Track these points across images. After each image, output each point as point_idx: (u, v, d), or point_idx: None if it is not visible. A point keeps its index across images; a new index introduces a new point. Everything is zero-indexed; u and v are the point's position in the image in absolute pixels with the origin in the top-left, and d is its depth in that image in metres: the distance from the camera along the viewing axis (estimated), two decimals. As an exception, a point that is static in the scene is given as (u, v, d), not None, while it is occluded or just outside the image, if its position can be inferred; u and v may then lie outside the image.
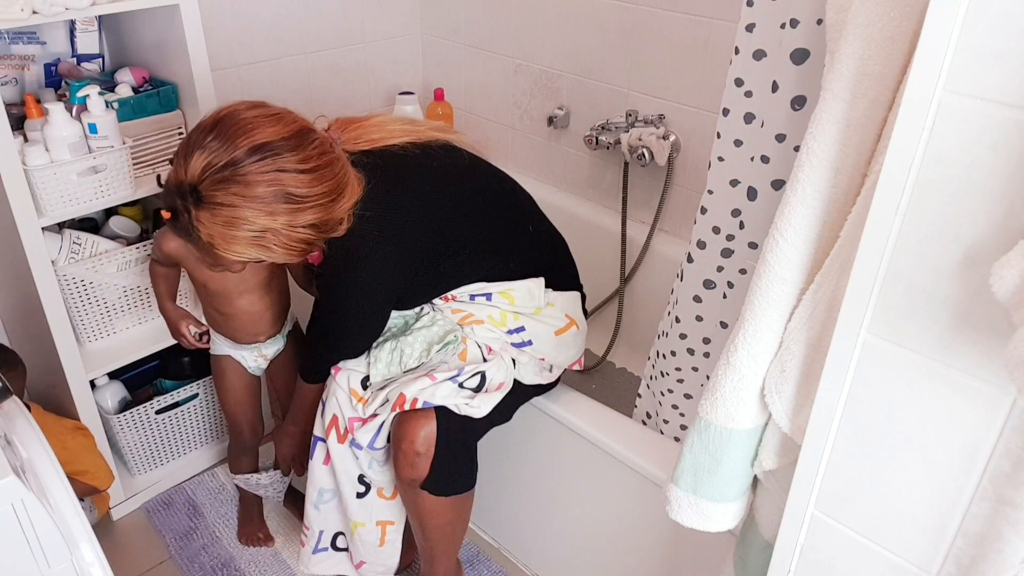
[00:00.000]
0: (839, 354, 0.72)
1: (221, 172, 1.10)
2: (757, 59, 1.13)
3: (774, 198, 1.14)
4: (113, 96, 1.58)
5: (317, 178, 1.13)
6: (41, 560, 0.92)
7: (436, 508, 1.35)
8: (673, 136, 1.91)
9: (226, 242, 1.13)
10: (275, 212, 1.11)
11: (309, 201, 1.13)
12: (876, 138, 0.77)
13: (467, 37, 2.34)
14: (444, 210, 1.29)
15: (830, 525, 0.80)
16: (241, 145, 1.10)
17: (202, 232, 1.13)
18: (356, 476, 1.40)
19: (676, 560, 1.35)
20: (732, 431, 0.92)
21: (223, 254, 1.15)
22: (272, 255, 1.16)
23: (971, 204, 0.60)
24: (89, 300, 1.63)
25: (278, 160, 1.11)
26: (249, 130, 1.11)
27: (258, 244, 1.13)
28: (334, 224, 1.18)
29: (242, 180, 1.09)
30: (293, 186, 1.11)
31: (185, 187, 1.12)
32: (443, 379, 1.29)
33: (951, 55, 0.58)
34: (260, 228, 1.12)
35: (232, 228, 1.11)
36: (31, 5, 1.32)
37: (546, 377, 1.43)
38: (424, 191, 1.27)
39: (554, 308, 1.41)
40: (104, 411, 1.74)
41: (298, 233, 1.14)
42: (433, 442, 1.28)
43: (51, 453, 1.03)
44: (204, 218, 1.12)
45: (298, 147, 1.13)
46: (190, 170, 1.11)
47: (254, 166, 1.10)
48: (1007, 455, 0.65)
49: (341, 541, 1.52)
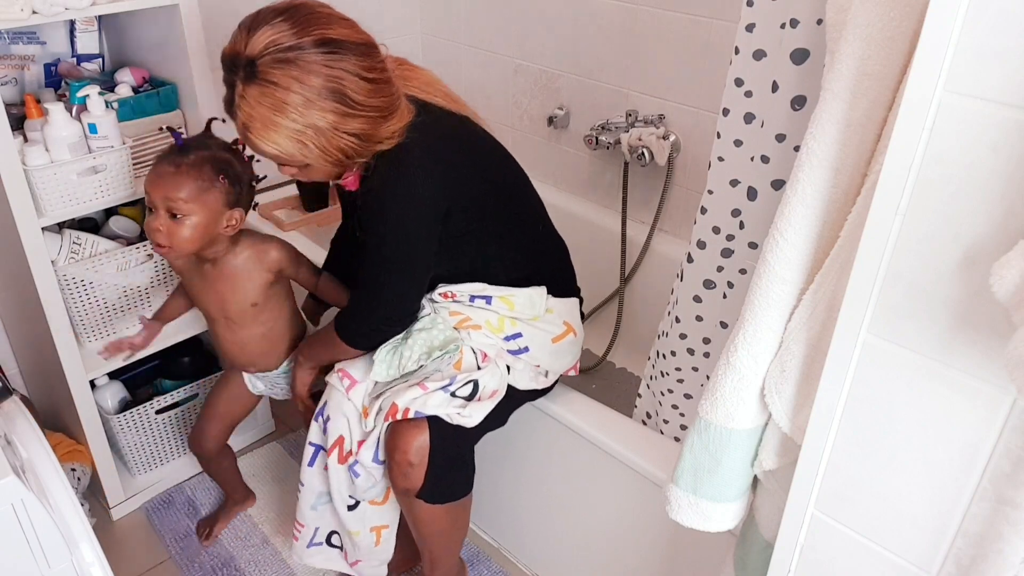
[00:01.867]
0: (839, 354, 0.72)
1: (284, 53, 1.05)
2: (757, 59, 1.12)
3: (774, 198, 1.14)
4: (113, 96, 1.58)
5: (376, 91, 1.11)
6: (41, 560, 0.92)
7: (433, 515, 1.35)
8: (673, 136, 1.91)
9: (265, 128, 1.08)
10: (325, 110, 1.08)
11: (361, 109, 1.10)
12: (876, 138, 0.77)
13: (467, 37, 2.34)
14: (479, 169, 1.28)
15: (830, 525, 0.80)
16: (312, 33, 1.07)
17: (243, 111, 1.09)
18: (347, 494, 1.39)
19: (676, 560, 1.35)
20: (732, 431, 0.92)
21: (256, 141, 1.11)
22: (307, 155, 1.12)
23: (971, 204, 0.60)
24: (89, 300, 1.63)
25: (344, 60, 1.08)
26: (323, 23, 1.08)
27: (297, 139, 1.09)
28: (375, 142, 1.15)
29: (303, 66, 1.06)
30: (351, 89, 1.09)
31: (241, 59, 1.07)
32: (435, 388, 1.27)
33: (951, 55, 0.58)
34: (305, 123, 1.08)
35: (277, 113, 1.07)
36: (31, 5, 1.31)
37: (541, 383, 1.42)
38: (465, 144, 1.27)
39: (552, 315, 1.40)
40: (104, 411, 1.74)
41: (341, 139, 1.11)
42: (426, 452, 1.27)
43: (51, 453, 1.03)
44: (251, 96, 1.07)
45: (365, 55, 1.11)
46: (251, 43, 1.07)
47: (319, 56, 1.06)
48: (1007, 455, 0.65)
49: (336, 539, 1.51)
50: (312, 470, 1.41)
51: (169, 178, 1.27)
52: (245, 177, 1.36)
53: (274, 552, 1.72)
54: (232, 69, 1.10)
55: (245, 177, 1.36)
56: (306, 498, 1.45)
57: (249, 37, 1.08)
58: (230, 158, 1.34)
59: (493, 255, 1.34)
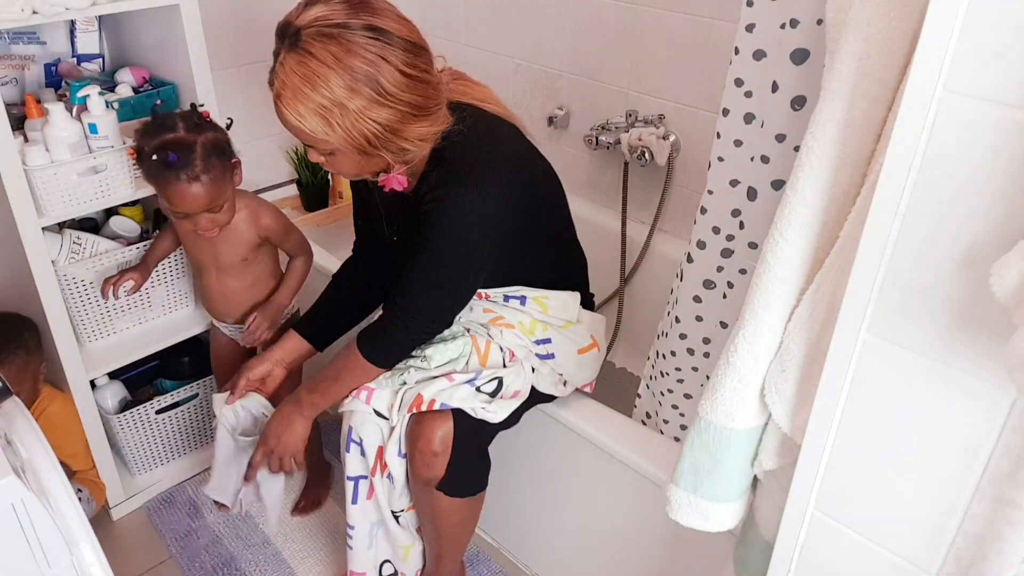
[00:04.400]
0: (839, 354, 0.72)
1: (329, 28, 1.08)
2: (757, 59, 1.12)
3: (774, 198, 1.14)
4: (113, 96, 1.58)
5: (411, 86, 1.12)
6: (41, 560, 0.92)
7: (451, 508, 1.35)
8: (673, 136, 1.91)
9: (295, 98, 1.10)
10: (356, 91, 1.09)
11: (392, 100, 1.11)
12: (876, 138, 0.77)
13: (467, 37, 2.34)
14: (536, 186, 1.29)
15: (830, 525, 0.80)
16: (363, 18, 1.09)
17: (278, 79, 1.11)
18: (390, 510, 1.40)
19: (676, 560, 1.35)
20: (732, 431, 0.92)
21: (285, 111, 1.12)
22: (331, 134, 1.12)
23: (971, 204, 0.60)
24: (89, 300, 1.63)
25: (387, 49, 1.10)
26: (378, 12, 1.11)
27: (323, 115, 1.10)
28: (403, 138, 1.15)
29: (345, 45, 1.08)
30: (386, 79, 1.10)
31: (291, 28, 1.10)
32: (461, 381, 1.28)
33: (951, 55, 0.58)
34: (334, 100, 1.09)
35: (308, 85, 1.08)
36: (31, 5, 1.31)
37: (560, 391, 1.42)
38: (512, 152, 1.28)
39: (582, 326, 1.42)
40: (104, 411, 1.74)
41: (366, 124, 1.11)
42: (450, 443, 1.27)
43: (51, 453, 1.03)
44: (289, 64, 1.09)
45: (410, 51, 1.12)
46: (303, 16, 1.10)
47: (363, 39, 1.08)
48: (1007, 455, 0.65)
49: (387, 568, 1.49)
50: (357, 507, 1.39)
51: (200, 194, 1.38)
52: (224, 135, 1.45)
53: (275, 552, 1.72)
54: (281, 37, 1.12)
55: (224, 135, 1.45)
56: (360, 539, 1.41)
57: (304, 10, 1.10)
58: (211, 135, 1.40)
59: (533, 263, 1.36)
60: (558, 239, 1.42)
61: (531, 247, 1.33)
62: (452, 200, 1.19)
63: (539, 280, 1.38)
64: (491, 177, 1.20)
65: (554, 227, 1.39)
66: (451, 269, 1.24)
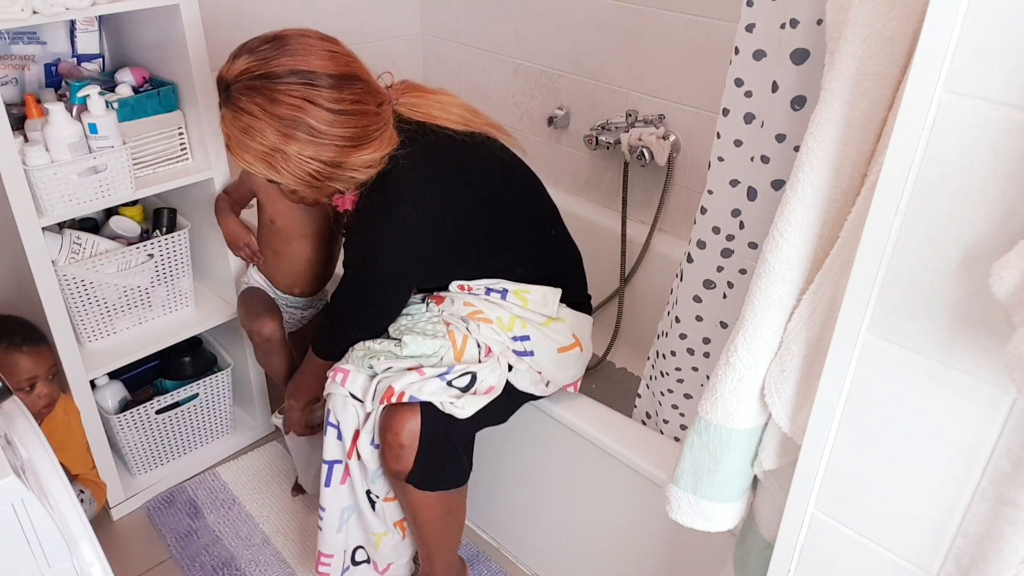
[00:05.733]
0: (839, 354, 0.72)
1: (254, 80, 1.14)
2: (757, 59, 1.12)
3: (774, 198, 1.14)
4: (113, 96, 1.58)
5: (343, 121, 1.16)
6: (41, 560, 0.92)
7: (424, 503, 1.35)
8: (673, 136, 1.91)
9: (239, 147, 1.18)
10: (290, 136, 1.15)
11: (327, 137, 1.16)
12: (876, 138, 0.77)
13: (467, 37, 2.34)
14: (474, 192, 1.29)
15: (830, 525, 0.80)
16: (284, 64, 1.13)
17: (223, 131, 1.20)
18: (364, 491, 1.40)
19: (676, 560, 1.35)
20: (732, 431, 0.92)
21: (236, 159, 1.19)
22: (280, 177, 1.20)
23: (971, 204, 0.60)
24: (89, 300, 1.63)
25: (311, 91, 1.14)
26: (300, 53, 1.15)
27: (267, 161, 1.18)
28: (350, 168, 1.20)
29: (269, 95, 1.13)
30: (315, 119, 1.14)
31: (222, 83, 1.18)
32: (432, 375, 1.29)
33: (951, 55, 0.58)
34: (272, 147, 1.15)
35: (246, 136, 1.16)
36: (31, 5, 1.31)
37: (540, 390, 1.42)
38: (461, 166, 1.29)
39: (563, 324, 1.41)
40: (104, 411, 1.74)
41: (308, 165, 1.17)
42: (417, 436, 1.28)
43: (51, 453, 1.03)
44: (226, 117, 1.18)
45: (337, 87, 1.15)
46: (232, 69, 1.16)
47: (285, 86, 1.13)
48: (1007, 455, 0.65)
49: (360, 554, 1.50)
50: (330, 489, 1.40)
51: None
52: None
53: (275, 552, 1.72)
54: (219, 91, 1.19)
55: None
56: (330, 522, 1.43)
57: (233, 63, 1.17)
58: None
59: (509, 260, 1.37)
60: (538, 238, 1.42)
61: (497, 249, 1.35)
62: (362, 228, 1.28)
63: (520, 275, 1.39)
64: (412, 183, 1.24)
65: (524, 227, 1.39)
66: (364, 289, 1.33)
